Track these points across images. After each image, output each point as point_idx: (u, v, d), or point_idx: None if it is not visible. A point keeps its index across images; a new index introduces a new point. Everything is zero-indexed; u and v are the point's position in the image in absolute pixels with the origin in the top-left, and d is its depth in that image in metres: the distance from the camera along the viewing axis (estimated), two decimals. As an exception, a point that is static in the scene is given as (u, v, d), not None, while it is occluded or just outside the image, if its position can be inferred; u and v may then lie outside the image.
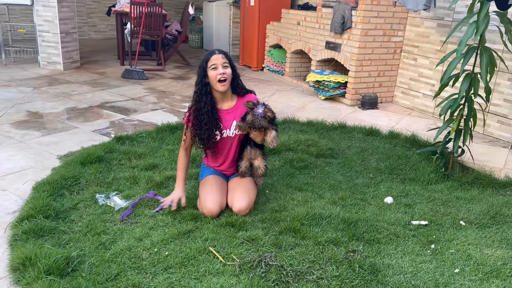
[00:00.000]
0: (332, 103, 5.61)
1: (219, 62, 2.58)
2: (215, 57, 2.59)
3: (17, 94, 5.20)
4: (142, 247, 2.29)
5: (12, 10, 8.46)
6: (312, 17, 6.21)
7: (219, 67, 2.57)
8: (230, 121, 2.71)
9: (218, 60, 2.58)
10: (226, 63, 2.60)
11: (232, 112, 2.72)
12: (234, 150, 2.80)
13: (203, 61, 2.62)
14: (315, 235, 2.43)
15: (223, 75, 2.58)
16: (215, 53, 2.61)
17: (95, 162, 3.27)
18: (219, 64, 2.58)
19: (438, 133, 3.44)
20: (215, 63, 2.58)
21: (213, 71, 2.58)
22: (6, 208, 2.69)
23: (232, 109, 2.73)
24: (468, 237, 2.53)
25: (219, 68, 2.57)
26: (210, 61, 2.59)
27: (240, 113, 2.71)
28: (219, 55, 2.60)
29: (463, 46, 3.10)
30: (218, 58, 2.59)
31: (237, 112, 2.72)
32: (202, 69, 2.62)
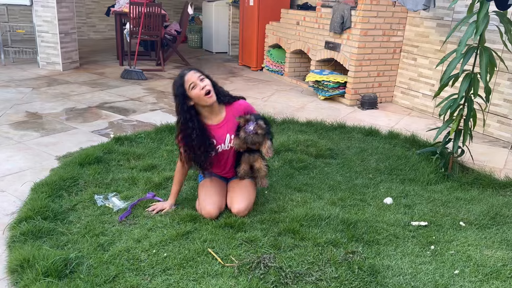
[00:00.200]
0: (332, 103, 5.60)
1: (195, 78, 2.47)
2: (188, 77, 2.48)
3: (16, 95, 5.19)
4: (140, 249, 2.28)
5: (11, 11, 8.45)
6: (311, 17, 6.20)
7: (198, 82, 2.47)
8: (223, 136, 2.63)
9: (193, 77, 2.48)
10: (201, 76, 2.50)
11: (223, 126, 2.64)
12: (232, 159, 2.77)
13: (178, 86, 2.49)
14: (314, 236, 2.42)
15: (205, 87, 2.47)
16: (186, 73, 2.50)
17: (93, 163, 3.26)
18: (195, 80, 2.47)
19: (437, 133, 3.43)
20: (193, 81, 2.47)
21: (194, 90, 2.47)
22: (4, 210, 2.68)
23: (222, 122, 2.64)
24: (468, 238, 2.52)
25: (198, 84, 2.46)
26: (186, 83, 2.47)
27: (232, 125, 2.62)
28: (191, 72, 2.50)
29: (463, 46, 3.09)
30: (192, 76, 2.48)
31: (228, 125, 2.63)
32: (180, 96, 2.49)
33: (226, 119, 2.64)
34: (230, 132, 2.63)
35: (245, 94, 2.57)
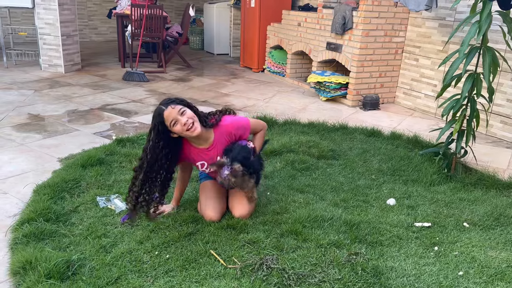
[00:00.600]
0: (334, 104, 5.59)
1: (175, 114, 2.31)
2: (167, 113, 2.31)
3: (18, 97, 5.20)
4: (143, 250, 2.27)
5: (14, 13, 8.48)
6: (312, 18, 6.20)
7: (179, 118, 2.31)
8: (214, 158, 2.52)
9: (172, 114, 2.31)
10: (181, 109, 2.34)
11: (214, 149, 2.53)
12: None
13: (158, 124, 2.34)
14: (317, 237, 2.41)
15: (187, 122, 2.32)
16: (164, 109, 2.33)
17: (96, 165, 3.26)
18: (175, 115, 2.31)
19: (440, 134, 3.42)
20: (173, 118, 2.31)
21: (176, 126, 2.33)
22: (7, 211, 2.68)
23: (212, 146, 2.53)
24: (472, 239, 2.50)
25: (179, 119, 2.32)
26: (166, 121, 2.32)
27: (222, 146, 2.54)
28: (168, 108, 2.32)
29: (466, 46, 3.08)
30: (170, 112, 2.32)
31: (218, 147, 2.54)
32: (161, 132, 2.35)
33: (215, 141, 2.53)
34: (220, 153, 2.54)
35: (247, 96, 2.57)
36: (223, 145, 2.54)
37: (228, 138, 2.56)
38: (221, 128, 2.54)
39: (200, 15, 10.12)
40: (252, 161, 2.52)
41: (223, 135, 2.54)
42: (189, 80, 6.65)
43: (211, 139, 2.52)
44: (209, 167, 2.56)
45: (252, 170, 2.49)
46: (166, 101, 2.39)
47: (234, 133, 2.57)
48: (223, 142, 2.55)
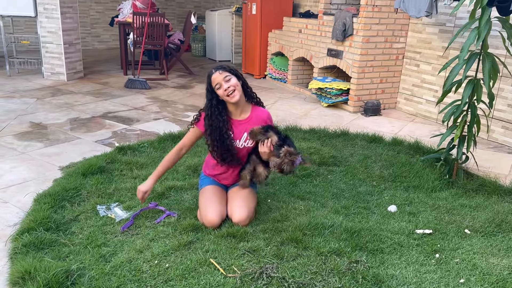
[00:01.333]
0: (335, 110, 5.59)
1: (221, 79, 2.56)
2: (214, 77, 2.59)
3: (20, 105, 5.23)
4: (142, 259, 2.27)
5: (16, 22, 8.54)
6: (313, 24, 6.22)
7: (222, 83, 2.56)
8: (241, 133, 2.68)
9: (218, 78, 2.57)
10: (227, 76, 2.57)
11: (244, 124, 2.68)
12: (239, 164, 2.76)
13: (208, 84, 2.64)
14: (318, 245, 2.40)
15: (228, 88, 2.55)
16: (213, 73, 2.60)
17: (96, 173, 3.26)
18: (221, 81, 2.56)
19: (441, 140, 3.41)
20: (217, 82, 2.57)
21: (219, 90, 2.58)
22: (7, 221, 2.68)
23: (245, 120, 2.70)
24: (474, 246, 2.48)
25: (223, 85, 2.56)
26: (212, 82, 2.60)
27: (252, 125, 2.65)
28: (217, 72, 2.58)
29: (465, 52, 3.08)
30: (217, 76, 2.57)
31: (250, 124, 2.67)
32: (209, 92, 2.63)
33: (249, 118, 2.71)
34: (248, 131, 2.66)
35: None
36: (252, 126, 2.63)
37: (258, 124, 2.65)
38: (258, 110, 2.74)
39: (202, 22, 10.17)
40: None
41: (259, 118, 2.70)
42: (191, 87, 6.66)
43: (247, 114, 2.71)
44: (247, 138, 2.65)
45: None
46: (217, 66, 2.64)
47: (265, 122, 2.70)
48: (254, 123, 2.66)
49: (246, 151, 2.73)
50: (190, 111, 5.21)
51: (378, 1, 5.19)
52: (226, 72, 2.59)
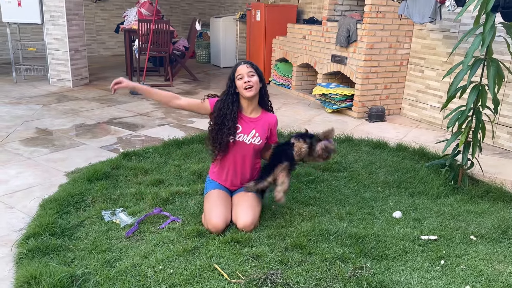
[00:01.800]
0: (339, 116, 5.59)
1: (245, 72, 2.69)
2: (240, 67, 2.72)
3: (26, 111, 5.27)
4: (147, 265, 2.27)
5: (23, 29, 8.62)
6: (317, 31, 6.24)
7: (245, 76, 2.68)
8: (250, 129, 2.76)
9: (243, 70, 2.70)
10: (251, 72, 2.70)
11: (254, 122, 2.79)
12: (246, 163, 2.79)
13: (231, 72, 2.75)
14: (322, 251, 2.40)
15: (248, 83, 2.67)
16: (241, 64, 2.75)
17: (101, 179, 3.28)
18: (244, 73, 2.69)
19: (446, 146, 3.40)
20: (241, 73, 2.69)
21: (240, 80, 2.70)
22: (13, 226, 2.70)
23: (255, 119, 2.80)
24: (479, 253, 2.47)
25: (244, 77, 2.68)
26: (236, 72, 2.72)
27: (262, 126, 2.79)
28: (244, 65, 2.73)
29: (470, 58, 3.08)
30: (243, 68, 2.71)
31: (259, 123, 2.79)
32: (230, 80, 2.75)
33: (259, 118, 2.81)
34: (257, 129, 2.77)
35: None
36: (264, 127, 2.79)
37: (266, 125, 2.81)
38: (268, 114, 2.87)
39: (207, 29, 10.23)
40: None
41: (266, 119, 2.83)
42: (195, 93, 6.69)
43: (257, 114, 2.82)
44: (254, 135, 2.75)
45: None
46: (246, 61, 2.81)
47: (273, 127, 2.86)
48: (262, 124, 2.80)
49: (252, 148, 2.76)
50: (195, 117, 5.23)
51: (382, 8, 5.21)
52: (253, 69, 2.72)
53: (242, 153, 2.77)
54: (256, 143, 2.76)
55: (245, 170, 2.82)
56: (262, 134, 2.78)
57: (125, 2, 10.40)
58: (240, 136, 2.74)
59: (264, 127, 2.79)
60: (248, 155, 2.78)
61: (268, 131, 2.82)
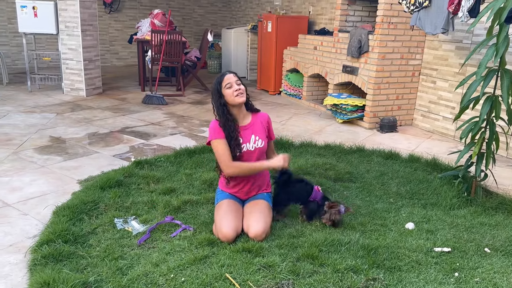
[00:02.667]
0: (350, 126, 5.58)
1: (233, 81, 2.72)
2: (227, 77, 2.74)
3: (40, 120, 5.35)
4: (158, 273, 2.27)
5: (38, 39, 8.79)
6: (328, 41, 6.26)
7: (234, 84, 2.71)
8: (249, 136, 2.80)
9: (231, 79, 2.73)
10: (238, 81, 2.75)
11: (249, 128, 2.82)
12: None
13: (216, 83, 2.75)
14: (334, 262, 2.38)
15: (239, 90, 2.71)
16: (227, 74, 2.76)
17: (114, 187, 3.30)
18: (233, 82, 2.72)
19: (459, 157, 3.37)
20: (230, 82, 2.71)
21: (229, 89, 2.71)
22: (27, 233, 2.73)
23: (249, 125, 2.84)
24: (494, 265, 2.43)
25: (234, 85, 2.71)
26: (224, 81, 2.72)
27: (258, 128, 2.84)
28: (231, 74, 2.75)
29: (483, 69, 3.06)
30: (230, 77, 2.74)
31: (254, 127, 2.84)
32: (216, 92, 2.75)
33: (252, 122, 2.85)
34: (255, 133, 2.82)
35: None
36: (259, 128, 2.85)
37: (262, 125, 2.87)
38: (259, 115, 2.91)
39: (218, 40, 10.33)
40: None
41: (259, 120, 2.88)
42: (206, 103, 6.73)
43: (249, 119, 2.86)
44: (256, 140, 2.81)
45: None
46: (230, 70, 2.85)
47: (268, 124, 2.92)
48: (258, 126, 2.85)
49: (258, 153, 2.82)
50: (206, 126, 5.26)
51: (394, 19, 5.21)
52: (238, 78, 2.78)
53: (250, 161, 2.80)
54: (260, 146, 2.81)
55: (257, 176, 2.85)
56: (262, 135, 2.84)
57: (139, 13, 10.55)
58: (244, 146, 2.78)
59: (260, 128, 2.85)
60: (257, 158, 2.82)
61: (265, 130, 2.89)
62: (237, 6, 10.87)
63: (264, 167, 2.82)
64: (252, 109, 2.91)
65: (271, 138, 2.96)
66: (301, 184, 2.93)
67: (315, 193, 2.90)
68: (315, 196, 2.89)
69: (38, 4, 6.63)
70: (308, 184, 2.94)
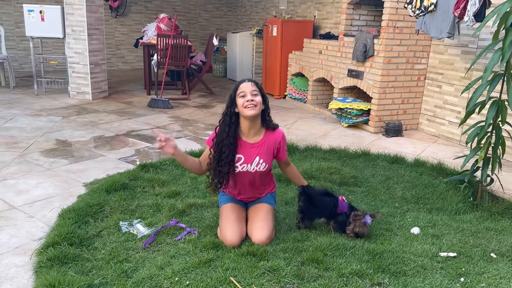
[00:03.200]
0: (355, 131, 5.57)
1: (248, 90, 2.53)
2: (244, 85, 2.56)
3: (47, 123, 5.38)
4: (163, 276, 2.28)
5: (45, 43, 8.86)
6: (334, 46, 6.27)
7: (248, 94, 2.52)
8: (253, 156, 2.62)
9: (247, 88, 2.54)
10: (255, 91, 2.54)
11: (257, 147, 2.63)
12: (254, 184, 2.74)
13: (233, 90, 2.58)
14: (339, 266, 2.37)
15: (251, 102, 2.50)
16: (245, 82, 2.58)
17: (119, 190, 3.32)
18: (247, 91, 2.53)
19: (465, 161, 3.35)
20: (244, 91, 2.53)
21: (241, 98, 2.53)
22: (33, 235, 2.74)
23: (258, 143, 2.64)
24: (500, 271, 2.41)
25: (247, 95, 2.52)
26: (239, 89, 2.55)
27: (266, 150, 2.63)
28: (249, 83, 2.56)
29: (489, 73, 3.06)
30: (247, 86, 2.55)
31: (263, 148, 2.63)
32: (230, 99, 2.58)
33: (262, 141, 2.65)
34: (261, 155, 2.63)
35: None
36: (267, 150, 2.64)
37: (272, 145, 2.65)
38: (273, 133, 2.68)
39: (224, 44, 10.36)
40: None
41: (271, 139, 2.66)
42: (212, 107, 6.75)
43: (260, 137, 2.64)
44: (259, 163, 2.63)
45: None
46: (250, 79, 2.64)
47: (281, 144, 2.69)
48: (267, 147, 2.64)
49: (259, 176, 2.69)
50: (211, 130, 5.25)
51: (399, 23, 5.22)
52: (257, 88, 2.57)
53: (248, 179, 2.69)
54: (262, 170, 2.66)
55: (255, 189, 2.78)
56: (268, 157, 2.65)
57: (145, 17, 10.62)
58: (244, 166, 2.63)
59: (269, 149, 2.65)
60: (256, 179, 2.71)
61: (274, 150, 2.68)
62: (243, 11, 10.91)
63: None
64: (268, 126, 2.66)
65: (280, 159, 2.75)
66: (327, 198, 2.83)
67: (341, 204, 2.82)
68: (342, 207, 2.81)
69: (45, 9, 6.69)
70: (333, 197, 2.85)
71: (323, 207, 2.81)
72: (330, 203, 2.81)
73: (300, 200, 2.82)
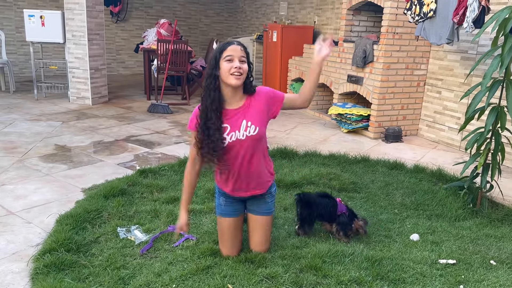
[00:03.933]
0: (355, 136, 5.57)
1: (237, 55, 2.23)
2: (232, 47, 2.24)
3: (46, 128, 5.38)
4: (160, 283, 2.26)
5: (45, 48, 8.88)
6: (333, 51, 6.27)
7: (236, 60, 2.23)
8: (239, 121, 2.32)
9: (235, 52, 2.24)
10: (243, 57, 2.26)
11: (241, 111, 2.34)
12: (248, 160, 2.37)
13: (217, 51, 2.27)
14: (337, 273, 2.36)
15: (238, 69, 2.22)
16: (234, 44, 2.26)
17: (118, 195, 3.30)
18: (236, 56, 2.23)
19: (464, 168, 3.34)
20: (231, 55, 2.23)
21: (228, 63, 2.23)
22: (30, 241, 2.73)
23: (241, 107, 2.35)
24: (500, 278, 2.40)
25: (235, 61, 2.23)
26: (225, 51, 2.24)
27: (251, 111, 2.35)
28: (238, 46, 2.26)
29: (488, 79, 3.05)
30: (235, 49, 2.24)
31: (246, 110, 2.35)
32: (214, 60, 2.27)
33: (246, 104, 2.36)
34: (247, 117, 2.33)
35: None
36: (252, 111, 2.35)
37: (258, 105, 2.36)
38: (256, 95, 2.38)
39: (224, 49, 10.37)
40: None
41: (258, 100, 2.37)
42: (211, 112, 6.74)
43: (242, 102, 2.35)
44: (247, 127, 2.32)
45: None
46: (239, 42, 2.32)
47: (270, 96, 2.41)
48: (252, 108, 2.35)
49: (250, 142, 2.33)
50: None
51: (398, 29, 5.22)
52: (245, 53, 2.28)
53: (242, 153, 2.34)
54: (253, 134, 2.32)
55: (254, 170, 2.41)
56: (256, 118, 2.34)
57: (145, 23, 10.64)
58: (232, 135, 2.31)
59: (256, 109, 2.35)
60: (251, 151, 2.36)
61: (264, 109, 2.37)
62: (243, 16, 10.94)
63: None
64: (249, 91, 2.36)
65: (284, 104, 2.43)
66: (325, 199, 2.85)
67: (340, 206, 2.84)
68: (340, 209, 2.82)
69: (46, 14, 6.71)
70: (331, 198, 2.87)
71: (323, 208, 2.81)
72: (329, 204, 2.83)
73: (298, 207, 2.82)
